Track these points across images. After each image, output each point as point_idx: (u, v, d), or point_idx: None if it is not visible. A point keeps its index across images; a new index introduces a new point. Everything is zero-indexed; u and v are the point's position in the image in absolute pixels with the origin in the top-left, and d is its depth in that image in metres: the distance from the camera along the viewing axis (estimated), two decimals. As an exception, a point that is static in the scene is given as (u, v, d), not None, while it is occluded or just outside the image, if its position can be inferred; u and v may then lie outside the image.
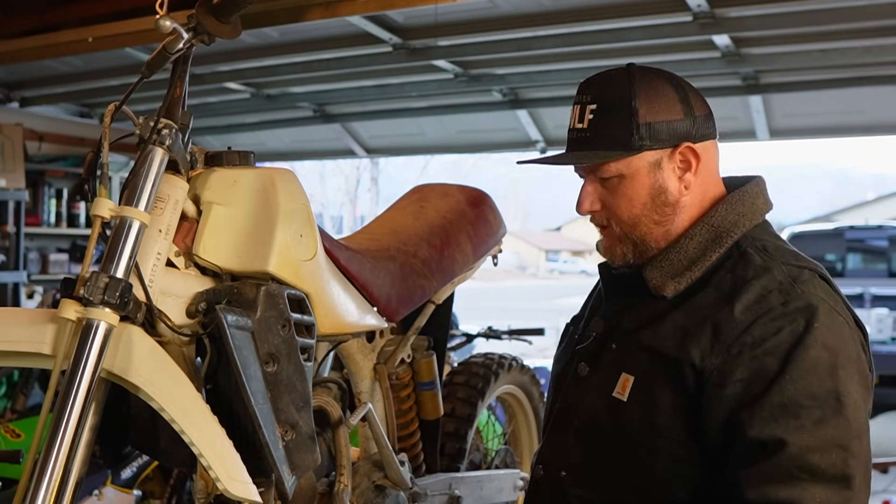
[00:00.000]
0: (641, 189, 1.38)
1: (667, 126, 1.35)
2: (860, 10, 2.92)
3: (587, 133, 1.38)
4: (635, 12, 3.12)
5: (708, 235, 1.37)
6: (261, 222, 1.39)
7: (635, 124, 1.34)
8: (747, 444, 1.23)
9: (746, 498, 1.22)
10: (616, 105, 1.36)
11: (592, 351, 1.46)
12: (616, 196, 1.39)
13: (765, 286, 1.29)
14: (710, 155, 1.41)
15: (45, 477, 1.13)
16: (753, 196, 1.40)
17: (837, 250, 8.60)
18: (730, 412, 1.25)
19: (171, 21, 1.27)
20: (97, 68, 4.40)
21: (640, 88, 1.36)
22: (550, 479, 1.45)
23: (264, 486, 1.38)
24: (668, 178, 1.38)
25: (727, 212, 1.38)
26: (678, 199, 1.39)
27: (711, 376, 1.26)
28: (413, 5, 2.95)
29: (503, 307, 21.07)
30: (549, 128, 4.81)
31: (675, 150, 1.37)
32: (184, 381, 1.24)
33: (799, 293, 1.28)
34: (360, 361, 1.81)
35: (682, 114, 1.37)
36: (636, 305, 1.41)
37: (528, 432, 2.59)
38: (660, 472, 1.32)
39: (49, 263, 5.59)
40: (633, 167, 1.37)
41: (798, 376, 1.22)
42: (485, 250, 2.17)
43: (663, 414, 1.30)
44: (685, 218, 1.40)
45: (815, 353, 1.23)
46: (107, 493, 2.47)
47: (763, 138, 4.36)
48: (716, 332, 1.28)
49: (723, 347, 1.26)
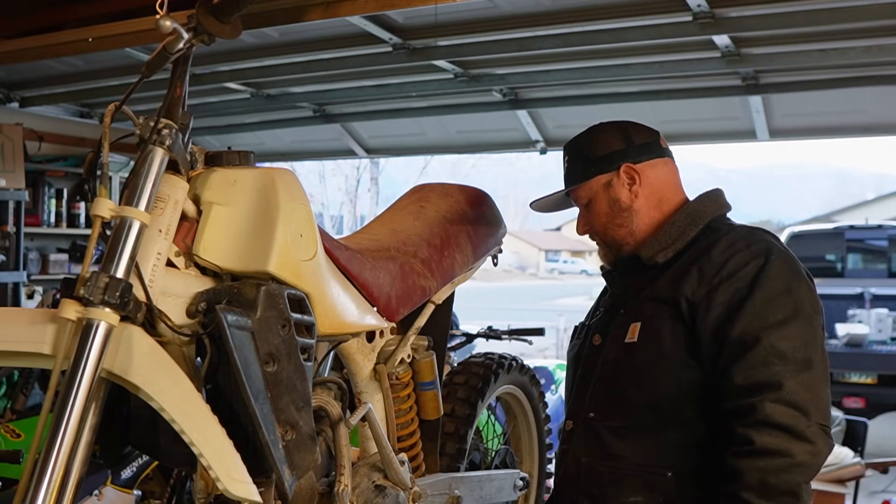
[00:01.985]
0: (602, 204, 1.89)
1: (609, 156, 1.87)
2: (860, 10, 2.92)
3: (566, 177, 1.96)
4: (635, 12, 3.12)
5: (685, 221, 1.83)
6: (261, 222, 1.39)
7: (587, 159, 1.90)
8: (731, 343, 1.63)
9: (735, 383, 1.61)
10: (576, 152, 1.93)
11: (603, 322, 1.89)
12: (591, 214, 1.92)
13: (732, 238, 1.74)
14: (657, 170, 1.88)
15: (45, 477, 1.13)
16: (717, 196, 1.89)
17: (837, 250, 8.60)
18: (717, 326, 1.66)
19: (171, 21, 1.27)
20: (97, 68, 4.40)
21: (592, 136, 1.91)
22: (582, 424, 1.84)
23: (264, 486, 1.38)
24: (619, 191, 1.87)
25: (699, 204, 1.86)
26: (630, 205, 1.86)
27: (701, 303, 1.68)
28: (413, 5, 2.95)
29: (503, 307, 21.09)
30: (549, 128, 4.81)
31: (618, 172, 1.86)
32: (184, 381, 1.24)
33: (758, 239, 1.73)
34: (360, 361, 1.81)
35: (622, 144, 1.87)
36: (635, 280, 1.85)
37: (528, 432, 2.59)
38: (669, 389, 1.71)
39: (49, 263, 5.59)
40: (593, 190, 1.90)
41: (764, 294, 1.64)
42: (485, 250, 2.17)
43: (667, 342, 1.72)
44: (644, 218, 1.86)
45: (774, 275, 1.66)
46: (107, 493, 2.48)
47: (763, 138, 4.36)
48: (700, 272, 1.71)
49: (706, 281, 1.69)
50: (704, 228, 1.81)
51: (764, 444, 1.54)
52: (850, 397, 6.70)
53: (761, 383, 1.58)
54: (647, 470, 1.72)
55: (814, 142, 9.50)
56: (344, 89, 4.47)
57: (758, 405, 1.56)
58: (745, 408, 1.58)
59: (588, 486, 1.81)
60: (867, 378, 6.80)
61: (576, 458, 1.84)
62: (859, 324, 7.11)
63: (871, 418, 5.29)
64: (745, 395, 1.59)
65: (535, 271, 49.97)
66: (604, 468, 1.78)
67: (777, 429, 1.54)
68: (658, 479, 1.71)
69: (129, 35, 3.34)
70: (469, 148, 5.50)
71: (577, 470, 1.83)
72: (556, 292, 30.41)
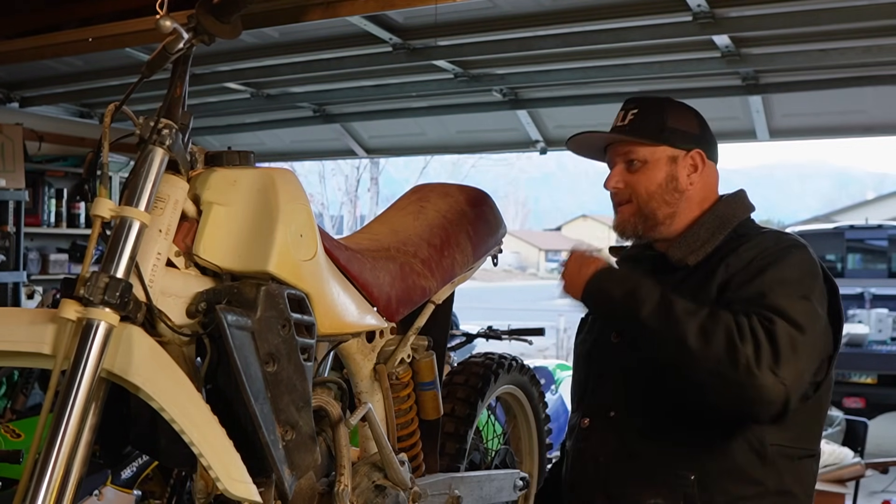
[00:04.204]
0: (659, 173, 1.83)
1: (686, 134, 1.84)
2: (860, 10, 2.92)
3: (626, 126, 1.85)
4: (635, 12, 3.11)
5: (715, 223, 1.82)
6: (261, 222, 1.39)
7: (664, 125, 1.82)
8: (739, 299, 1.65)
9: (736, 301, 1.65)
10: (652, 111, 1.85)
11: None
12: (638, 176, 1.84)
13: (761, 238, 1.76)
14: (712, 170, 1.88)
15: (45, 477, 1.13)
16: (742, 198, 1.90)
17: (837, 250, 8.61)
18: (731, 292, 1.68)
19: (171, 21, 1.27)
20: (97, 68, 4.40)
21: (672, 106, 1.87)
22: (601, 423, 1.84)
23: (264, 486, 1.38)
24: (680, 172, 1.83)
25: (726, 207, 1.85)
26: (685, 189, 1.83)
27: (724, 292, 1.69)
28: (413, 5, 2.95)
29: (503, 307, 21.09)
30: (549, 128, 4.80)
31: (689, 153, 1.83)
32: (184, 381, 1.24)
33: (787, 238, 1.77)
34: (360, 361, 1.81)
35: (699, 130, 1.86)
36: (661, 278, 1.78)
37: (528, 432, 2.59)
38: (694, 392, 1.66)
39: (49, 263, 5.58)
40: (656, 156, 1.83)
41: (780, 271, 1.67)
42: (485, 250, 2.17)
43: None
44: (686, 210, 1.84)
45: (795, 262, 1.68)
46: (107, 493, 2.48)
47: (763, 138, 4.35)
48: (727, 267, 1.72)
49: (732, 272, 1.71)
50: (732, 232, 1.81)
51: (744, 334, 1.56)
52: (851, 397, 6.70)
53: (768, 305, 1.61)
54: (670, 471, 1.72)
55: (814, 142, 9.50)
56: (344, 89, 4.47)
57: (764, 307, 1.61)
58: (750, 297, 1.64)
59: (606, 485, 1.80)
60: (867, 378, 6.81)
61: (594, 457, 1.84)
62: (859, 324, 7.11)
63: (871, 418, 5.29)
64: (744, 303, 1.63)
65: (535, 271, 49.95)
66: (624, 468, 1.78)
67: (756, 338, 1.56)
68: (680, 481, 1.71)
69: (129, 35, 3.35)
70: (469, 148, 5.50)
71: (595, 469, 1.83)
72: (556, 292, 30.37)
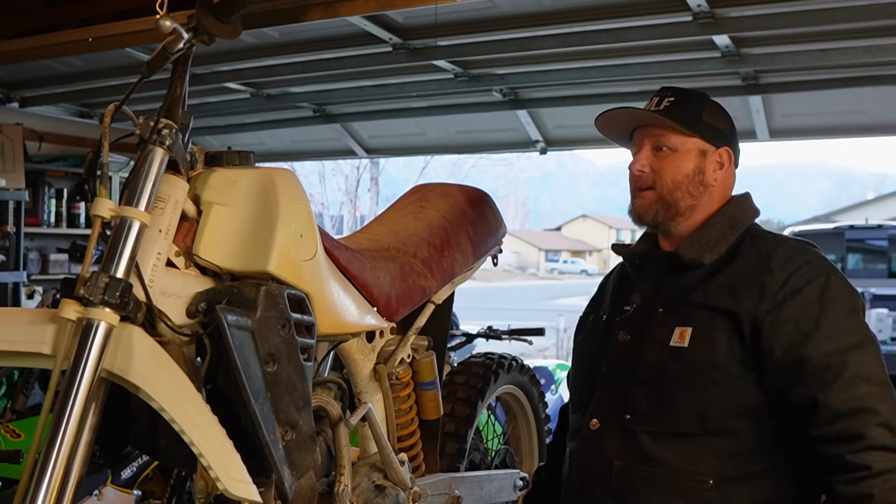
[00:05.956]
0: (688, 164, 1.82)
1: (719, 131, 1.84)
2: (860, 10, 2.92)
3: (661, 112, 1.83)
4: (635, 12, 3.11)
5: (726, 223, 1.82)
6: (261, 222, 1.39)
7: (699, 117, 1.83)
8: (814, 365, 1.63)
9: (831, 408, 1.61)
10: (689, 102, 1.84)
11: (636, 320, 1.82)
12: (666, 163, 1.83)
13: (787, 251, 1.74)
14: (732, 173, 1.89)
15: (45, 477, 1.13)
16: (749, 200, 1.90)
17: (837, 250, 8.61)
18: (788, 346, 1.64)
19: (171, 21, 1.27)
20: (97, 68, 4.39)
21: (708, 101, 1.87)
22: (614, 426, 1.80)
23: (264, 486, 1.38)
24: (708, 166, 1.83)
25: (736, 208, 1.86)
26: (710, 185, 1.83)
27: (766, 319, 1.66)
28: (413, 5, 2.95)
29: (503, 307, 21.09)
30: (549, 128, 4.80)
31: (718, 150, 1.83)
32: (184, 381, 1.24)
33: (812, 255, 1.75)
34: (360, 361, 1.81)
35: (730, 130, 1.87)
36: (672, 277, 1.81)
37: (528, 432, 2.59)
38: (717, 399, 1.69)
39: (49, 263, 5.58)
40: (687, 146, 1.82)
41: (835, 314, 1.66)
42: (485, 250, 2.17)
43: (721, 352, 1.69)
44: (706, 206, 1.84)
45: (840, 295, 1.69)
46: (107, 493, 2.48)
47: (763, 138, 4.35)
48: (762, 288, 1.69)
49: (770, 297, 1.67)
50: (744, 233, 1.81)
51: (881, 468, 1.57)
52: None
53: (859, 409, 1.60)
54: (687, 476, 1.71)
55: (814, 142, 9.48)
56: (344, 89, 4.47)
57: (864, 431, 1.59)
58: (851, 434, 1.60)
59: (620, 489, 1.78)
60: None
61: (606, 460, 1.80)
62: (859, 324, 7.08)
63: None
64: (846, 420, 1.61)
65: (535, 271, 49.97)
66: (639, 472, 1.76)
67: (885, 450, 1.58)
68: (697, 486, 1.70)
69: (129, 35, 3.34)
70: (469, 148, 5.50)
71: (609, 472, 1.79)
72: (556, 292, 30.41)
